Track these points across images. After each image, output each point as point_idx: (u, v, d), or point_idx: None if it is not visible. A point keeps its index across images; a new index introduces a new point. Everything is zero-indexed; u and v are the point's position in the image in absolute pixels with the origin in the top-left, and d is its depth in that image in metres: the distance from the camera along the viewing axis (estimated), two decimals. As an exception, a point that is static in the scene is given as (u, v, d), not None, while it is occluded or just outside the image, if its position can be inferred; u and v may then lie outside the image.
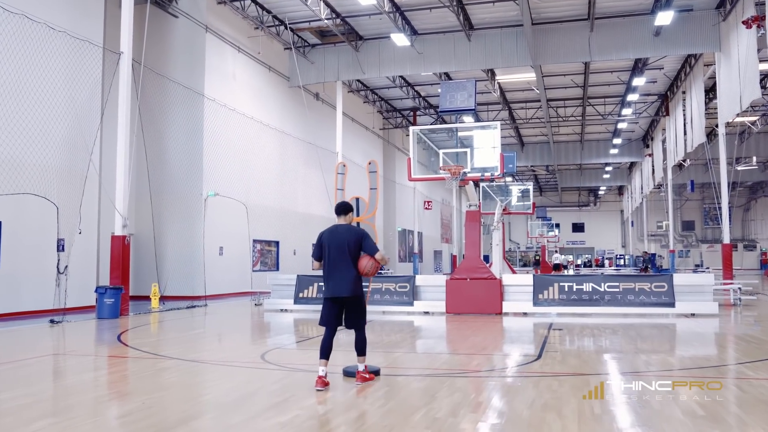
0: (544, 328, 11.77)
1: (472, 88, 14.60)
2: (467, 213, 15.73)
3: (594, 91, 33.23)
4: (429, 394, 6.01)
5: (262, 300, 18.12)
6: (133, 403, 5.76)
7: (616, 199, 66.52)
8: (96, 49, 16.35)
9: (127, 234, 15.32)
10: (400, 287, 15.37)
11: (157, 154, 19.92)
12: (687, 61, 28.22)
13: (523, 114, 36.87)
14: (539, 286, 14.51)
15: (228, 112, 21.77)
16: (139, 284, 19.05)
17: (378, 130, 37.44)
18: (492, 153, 14.68)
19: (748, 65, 19.46)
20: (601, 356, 8.55)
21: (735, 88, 20.74)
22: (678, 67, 29.62)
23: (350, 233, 6.41)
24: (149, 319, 14.26)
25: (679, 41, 22.79)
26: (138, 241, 19.46)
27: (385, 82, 31.08)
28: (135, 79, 16.20)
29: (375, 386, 6.39)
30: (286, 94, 26.18)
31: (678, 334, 11.29)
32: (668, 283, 13.89)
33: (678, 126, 31.08)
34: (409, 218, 40.70)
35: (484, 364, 8.11)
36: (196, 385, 6.95)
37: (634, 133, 42.99)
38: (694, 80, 27.14)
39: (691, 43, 22.86)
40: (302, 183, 27.07)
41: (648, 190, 43.78)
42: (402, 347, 9.71)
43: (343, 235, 6.39)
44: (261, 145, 23.99)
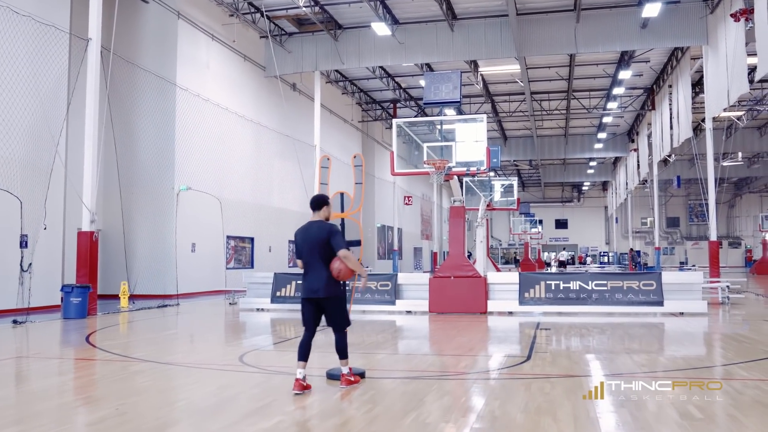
0: (531, 328, 11.79)
1: (457, 79, 14.53)
2: (451, 209, 15.70)
3: (579, 84, 33.46)
4: (417, 398, 5.94)
5: (236, 299, 17.96)
6: (104, 410, 5.60)
7: (600, 195, 67.17)
8: (62, 35, 16.01)
9: (94, 230, 15.05)
10: (381, 286, 15.31)
11: (126, 146, 19.63)
12: (674, 55, 28.51)
13: (507, 107, 37.00)
14: (525, 284, 14.54)
15: (201, 103, 21.52)
16: (108, 282, 18.75)
17: (357, 122, 37.31)
18: (476, 147, 14.64)
19: (736, 59, 19.69)
20: (592, 357, 8.55)
21: (722, 83, 20.98)
22: (665, 61, 29.92)
23: (321, 230, 6.22)
24: (118, 319, 14.03)
25: (666, 34, 23.00)
26: (106, 238, 19.15)
27: (365, 72, 30.95)
28: (104, 67, 15.90)
29: (360, 390, 6.30)
30: (261, 84, 25.95)
31: (667, 334, 11.36)
32: (657, 281, 14.00)
33: (664, 120, 31.41)
34: (389, 214, 40.66)
35: (473, 365, 8.07)
36: (171, 389, 6.81)
37: (619, 127, 43.40)
38: (681, 74, 27.43)
39: (678, 36, 23.08)
40: (278, 177, 26.87)
41: (633, 185, 44.24)
42: (385, 348, 9.64)
43: (314, 232, 6.23)
44: (235, 137, 23.77)
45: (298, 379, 6.06)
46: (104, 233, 19.00)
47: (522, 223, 48.01)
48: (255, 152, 25.33)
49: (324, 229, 6.21)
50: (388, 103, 36.78)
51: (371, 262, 36.67)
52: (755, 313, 14.92)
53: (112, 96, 17.33)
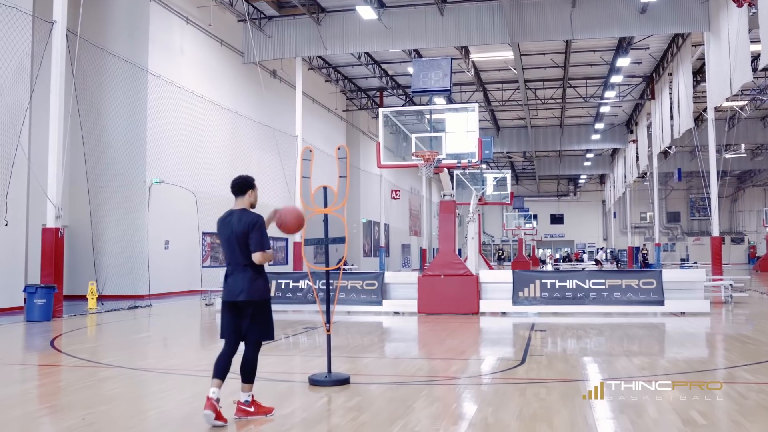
0: (526, 329, 11.82)
1: (447, 66, 14.48)
2: (441, 203, 15.69)
3: (575, 72, 33.56)
4: (405, 405, 5.92)
5: (213, 299, 17.88)
6: (70, 420, 5.53)
7: (598, 188, 67.54)
8: (25, 17, 15.77)
9: (60, 226, 14.90)
10: (367, 285, 15.28)
11: (94, 136, 19.42)
12: (674, 41, 28.66)
13: (499, 96, 37.06)
14: (519, 283, 14.57)
15: (175, 91, 21.35)
16: (75, 282, 18.57)
17: (341, 111, 37.22)
18: (468, 138, 14.64)
19: (739, 46, 19.82)
20: (589, 360, 8.59)
21: (725, 71, 21.12)
22: (664, 48, 30.08)
23: (241, 222, 5.47)
24: (86, 322, 13.91)
25: (666, 19, 23.10)
26: (73, 234, 18.97)
27: (350, 59, 30.85)
28: (70, 52, 15.72)
29: (345, 397, 6.28)
30: (239, 71, 25.79)
31: (668, 335, 11.44)
32: (657, 279, 14.07)
33: (664, 110, 31.59)
34: (375, 208, 40.63)
35: (464, 369, 8.07)
36: (143, 397, 6.75)
37: (617, 117, 43.62)
38: (682, 61, 27.59)
39: (678, 22, 23.19)
40: (257, 169, 26.68)
41: (632, 178, 44.51)
42: (372, 351, 9.62)
43: (234, 224, 5.48)
44: (212, 127, 23.63)
45: (209, 398, 5.19)
46: (71, 229, 18.81)
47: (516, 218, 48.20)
48: (233, 143, 25.18)
49: (243, 220, 5.47)
50: (375, 91, 36.70)
51: (356, 260, 36.66)
52: (759, 312, 15.07)
53: (79, 83, 17.12)
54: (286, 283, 15.78)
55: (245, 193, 5.67)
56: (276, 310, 15.86)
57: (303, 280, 15.68)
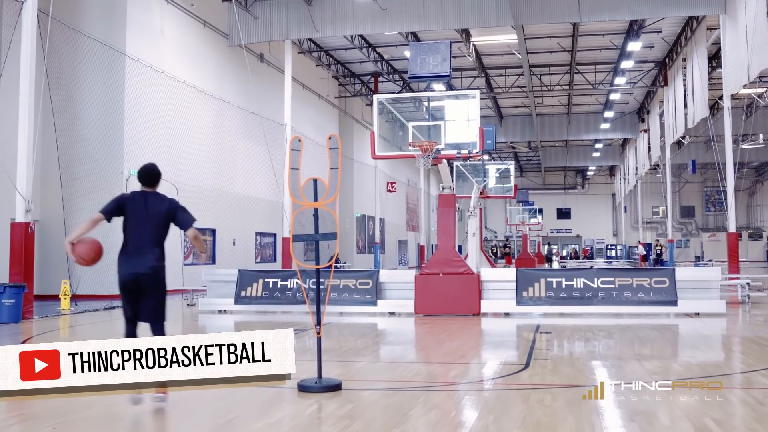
0: (530, 331, 11.84)
1: (446, 51, 14.44)
2: (440, 197, 15.67)
3: (583, 57, 33.54)
4: (401, 413, 5.91)
5: (195, 299, 17.85)
6: (40, 429, 5.52)
7: (607, 180, 67.63)
8: (-9, -5, 15.69)
9: (30, 220, 14.82)
10: (360, 284, 15.26)
11: (68, 124, 19.34)
12: (688, 25, 28.65)
13: (502, 82, 37.02)
14: (523, 282, 14.58)
15: (154, 75, 21.25)
16: (46, 281, 18.49)
17: (333, 98, 37.15)
18: (468, 126, 14.61)
19: (757, 30, 19.80)
20: (597, 364, 8.61)
21: (742, 56, 21.11)
22: (678, 31, 30.07)
23: (162, 203, 6.24)
24: (59, 324, 13.88)
25: (680, 1, 23.07)
26: (44, 229, 18.89)
27: (343, 42, 30.76)
28: (41, 33, 15.60)
29: (337, 403, 6.26)
30: (224, 54, 25.68)
31: (682, 337, 11.49)
32: (670, 278, 14.11)
33: (677, 98, 31.61)
34: (370, 202, 40.60)
35: (464, 374, 8.09)
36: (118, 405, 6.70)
37: (627, 105, 43.65)
38: (696, 46, 27.59)
39: (692, 4, 23.16)
40: (243, 160, 26.69)
41: (643, 170, 44.56)
42: (365, 355, 9.62)
43: (152, 204, 6.21)
44: (194, 114, 23.53)
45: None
46: (42, 224, 18.73)
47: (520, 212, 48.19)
48: (217, 132, 25.09)
49: (165, 201, 6.22)
50: (369, 76, 36.63)
51: (349, 257, 36.65)
52: (778, 313, 15.11)
53: (51, 67, 17.02)
54: (274, 282, 15.75)
55: (156, 184, 6.34)
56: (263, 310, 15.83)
57: (292, 279, 15.63)
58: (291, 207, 18.44)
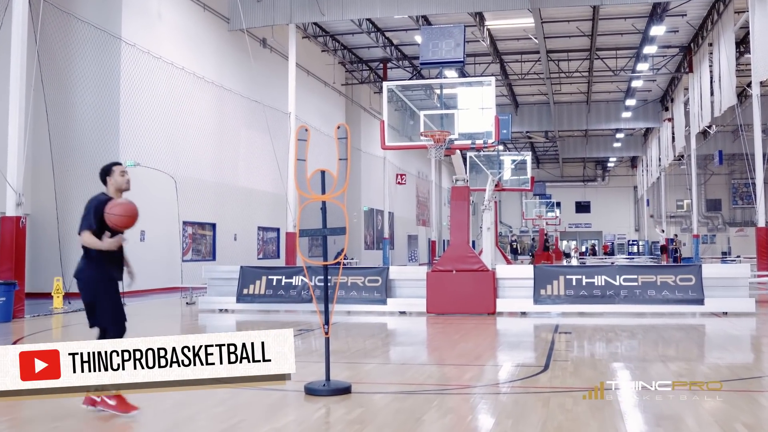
0: (549, 331, 11.83)
1: (460, 35, 14.42)
2: (453, 190, 15.63)
3: (604, 42, 33.38)
4: (414, 417, 5.90)
5: (195, 297, 17.87)
6: (35, 433, 5.52)
7: (629, 172, 67.43)
8: (-20, -23, 15.72)
9: (22, 214, 14.87)
10: (369, 281, 15.26)
11: (61, 113, 19.39)
12: (714, 7, 28.46)
13: (518, 68, 36.90)
14: (541, 279, 14.54)
15: (152, 61, 21.28)
16: (38, 279, 18.56)
17: (340, 86, 37.13)
18: (483, 115, 14.59)
19: (790, 12, 19.68)
20: (620, 366, 8.59)
21: (773, 40, 20.97)
22: (704, 14, 29.88)
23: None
24: (51, 323, 13.94)
25: (708, -19, 22.94)
26: (36, 224, 18.96)
27: (350, 26, 30.70)
28: (32, 17, 15.62)
29: (345, 408, 6.25)
30: (225, 39, 25.69)
31: (709, 338, 11.45)
32: (696, 275, 14.05)
33: (703, 85, 31.43)
34: (378, 195, 40.60)
35: (479, 377, 8.08)
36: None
37: (650, 93, 43.44)
38: (723, 30, 27.39)
39: (721, -16, 23.02)
40: (245, 151, 26.71)
41: (667, 162, 44.39)
42: (375, 357, 9.62)
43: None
44: (194, 103, 23.56)
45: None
46: (33, 218, 18.80)
47: (536, 206, 48.10)
48: (217, 121, 25.11)
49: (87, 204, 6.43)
50: (378, 62, 36.57)
51: (357, 253, 36.68)
52: (812, 313, 15.01)
53: (43, 52, 17.06)
54: (278, 279, 15.75)
55: (105, 182, 6.73)
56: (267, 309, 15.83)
57: (297, 276, 15.64)
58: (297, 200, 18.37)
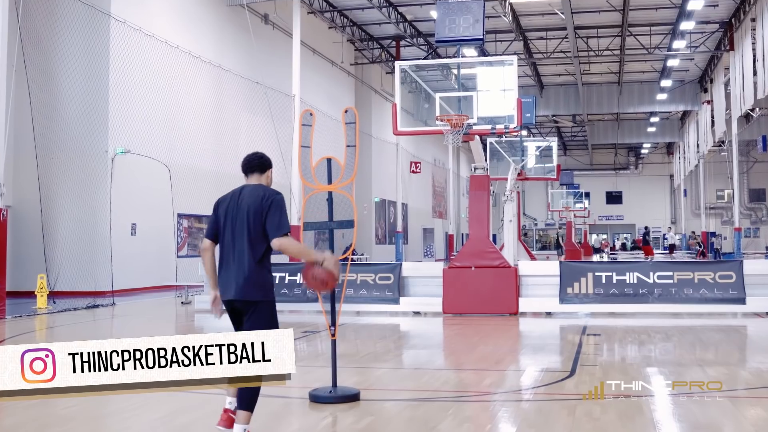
0: (576, 333, 11.85)
1: (479, 10, 14.38)
2: (472, 179, 15.62)
3: (636, 17, 33.20)
4: (428, 426, 5.93)
5: (191, 296, 17.95)
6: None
7: (665, 160, 67.11)
8: (-42, -51, 15.78)
9: (2, 206, 14.97)
10: (381, 279, 15.29)
11: (45, 95, 19.45)
12: (759, -23, 28.29)
13: (543, 46, 36.77)
14: (568, 276, 14.53)
15: (144, 39, 21.29)
16: (20, 276, 18.65)
17: (348, 65, 37.08)
18: (504, 98, 14.56)
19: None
20: (654, 371, 8.57)
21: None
22: (748, -14, 29.70)
23: (252, 197, 5.36)
24: (35, 324, 14.04)
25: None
26: (18, 216, 19.06)
27: (359, 0, 30.67)
28: (14, -8, 15.69)
29: (355, 416, 6.28)
30: (223, 15, 25.70)
31: (751, 340, 11.44)
32: (737, 272, 14.01)
33: (746, 64, 31.22)
34: (390, 185, 40.58)
35: (500, 383, 8.10)
36: (108, 416, 6.78)
37: (688, 73, 43.20)
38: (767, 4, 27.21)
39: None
40: (246, 136, 26.70)
41: (706, 148, 44.17)
42: (387, 361, 9.64)
43: (245, 200, 5.36)
44: (190, 84, 23.57)
45: (226, 409, 5.27)
46: (15, 210, 18.89)
47: (563, 196, 47.97)
48: (215, 104, 25.14)
49: (258, 195, 5.35)
50: (390, 40, 36.53)
51: (367, 249, 36.71)
52: None
53: (26, 30, 17.12)
54: (281, 276, 15.80)
55: (264, 171, 5.70)
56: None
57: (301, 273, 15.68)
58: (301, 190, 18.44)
